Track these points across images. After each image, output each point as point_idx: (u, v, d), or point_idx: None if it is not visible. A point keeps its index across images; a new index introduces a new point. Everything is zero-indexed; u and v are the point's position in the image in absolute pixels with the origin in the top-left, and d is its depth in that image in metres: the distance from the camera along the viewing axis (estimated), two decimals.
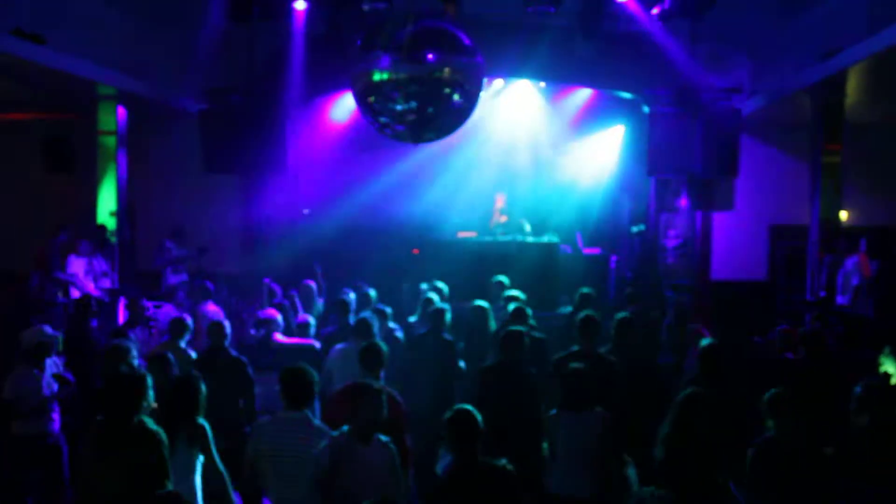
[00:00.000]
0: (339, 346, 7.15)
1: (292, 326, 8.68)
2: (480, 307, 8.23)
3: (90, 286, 10.53)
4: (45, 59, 8.87)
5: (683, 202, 12.57)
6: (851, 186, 11.35)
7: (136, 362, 6.24)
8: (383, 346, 6.14)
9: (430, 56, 7.97)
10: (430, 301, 8.54)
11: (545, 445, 5.66)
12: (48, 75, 9.43)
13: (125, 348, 6.35)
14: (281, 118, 10.65)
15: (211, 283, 9.64)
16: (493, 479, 4.39)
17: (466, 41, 8.31)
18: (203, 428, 4.94)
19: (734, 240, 12.49)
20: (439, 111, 8.21)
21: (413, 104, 8.02)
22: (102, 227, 11.56)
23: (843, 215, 11.61)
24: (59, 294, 10.62)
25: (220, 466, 4.96)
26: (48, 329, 6.72)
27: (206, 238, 11.97)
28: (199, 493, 4.89)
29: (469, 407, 4.65)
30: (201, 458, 4.91)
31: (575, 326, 6.98)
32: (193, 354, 7.22)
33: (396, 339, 7.92)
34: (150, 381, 4.85)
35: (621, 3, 9.96)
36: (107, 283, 11.04)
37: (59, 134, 12.28)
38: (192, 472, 4.87)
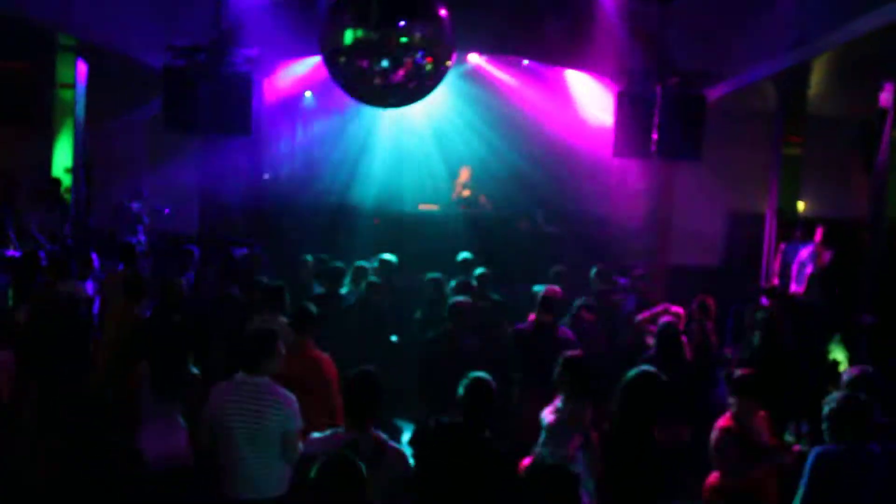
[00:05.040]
0: None
1: None
2: (436, 279, 8.27)
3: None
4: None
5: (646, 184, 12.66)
6: (809, 177, 11.53)
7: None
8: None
9: (400, 20, 7.90)
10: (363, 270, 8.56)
11: None
12: (3, 21, 9.12)
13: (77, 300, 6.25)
14: (246, 80, 10.47)
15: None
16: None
17: (437, 8, 8.24)
18: None
19: (692, 225, 12.60)
20: (407, 76, 8.14)
21: (382, 67, 7.95)
22: (57, 182, 11.31)
23: (801, 205, 11.80)
24: (11, 248, 10.39)
25: None
26: None
27: (164, 199, 11.78)
28: None
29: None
30: None
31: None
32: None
33: None
34: None
35: None
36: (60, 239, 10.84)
37: (17, 84, 11.94)
38: None
